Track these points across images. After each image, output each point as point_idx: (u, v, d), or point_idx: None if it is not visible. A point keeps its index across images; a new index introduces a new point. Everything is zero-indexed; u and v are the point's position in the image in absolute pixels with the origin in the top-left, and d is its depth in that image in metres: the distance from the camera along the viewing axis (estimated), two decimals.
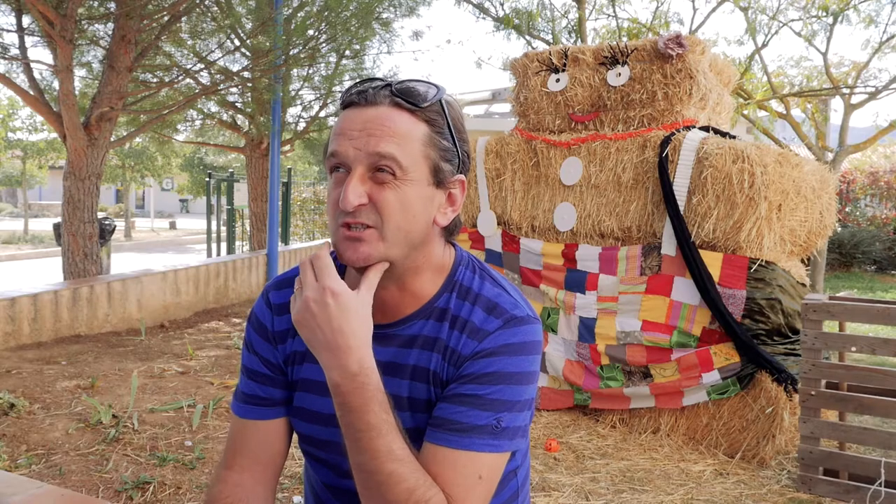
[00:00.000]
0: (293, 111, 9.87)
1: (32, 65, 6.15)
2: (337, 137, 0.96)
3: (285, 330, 1.11)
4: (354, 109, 0.97)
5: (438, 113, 0.98)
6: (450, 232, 1.06)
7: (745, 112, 9.16)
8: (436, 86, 0.99)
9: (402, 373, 1.02)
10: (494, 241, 4.47)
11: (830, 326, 3.50)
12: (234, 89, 8.40)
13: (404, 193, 0.95)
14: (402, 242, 0.96)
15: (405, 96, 0.96)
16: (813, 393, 3.13)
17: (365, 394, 0.90)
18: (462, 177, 1.03)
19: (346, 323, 0.90)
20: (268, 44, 7.00)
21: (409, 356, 1.03)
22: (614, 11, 9.60)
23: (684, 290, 3.68)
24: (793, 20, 9.52)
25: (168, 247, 18.34)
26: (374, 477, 0.90)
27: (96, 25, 6.70)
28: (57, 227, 9.95)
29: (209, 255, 11.22)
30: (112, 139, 6.41)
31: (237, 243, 11.16)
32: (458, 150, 1.01)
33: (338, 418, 0.93)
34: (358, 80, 1.01)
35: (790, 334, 3.56)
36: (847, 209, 13.00)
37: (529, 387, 1.00)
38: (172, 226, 26.34)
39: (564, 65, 4.28)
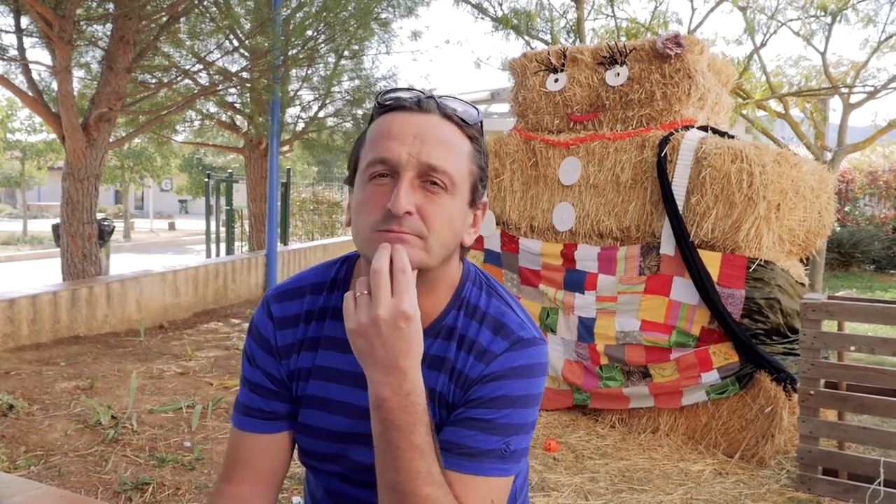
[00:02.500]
0: (292, 111, 9.89)
1: (31, 66, 6.15)
2: (385, 141, 0.92)
3: (290, 345, 1.07)
4: (403, 114, 0.94)
5: (479, 132, 0.98)
6: (465, 251, 1.05)
7: (744, 112, 9.17)
8: (474, 106, 0.98)
9: None
10: (493, 242, 4.47)
11: (829, 326, 3.49)
12: (232, 90, 8.40)
13: (451, 208, 0.93)
14: (440, 256, 0.95)
15: (453, 110, 0.95)
16: (812, 392, 3.13)
17: (414, 414, 0.88)
18: (486, 199, 1.02)
19: (411, 347, 0.88)
20: (266, 44, 6.99)
21: None
22: (613, 11, 9.61)
23: (683, 289, 3.68)
24: (791, 20, 9.55)
25: (167, 247, 18.32)
26: (409, 499, 0.88)
27: (95, 26, 6.70)
28: (56, 228, 9.94)
29: (208, 255, 11.19)
30: (111, 140, 6.40)
31: (236, 244, 11.15)
32: (486, 174, 1.00)
33: (376, 435, 0.90)
34: (391, 89, 0.98)
35: (789, 334, 3.56)
36: (846, 209, 13.00)
37: (535, 409, 1.01)
38: (171, 226, 26.32)
39: (563, 65, 4.28)
